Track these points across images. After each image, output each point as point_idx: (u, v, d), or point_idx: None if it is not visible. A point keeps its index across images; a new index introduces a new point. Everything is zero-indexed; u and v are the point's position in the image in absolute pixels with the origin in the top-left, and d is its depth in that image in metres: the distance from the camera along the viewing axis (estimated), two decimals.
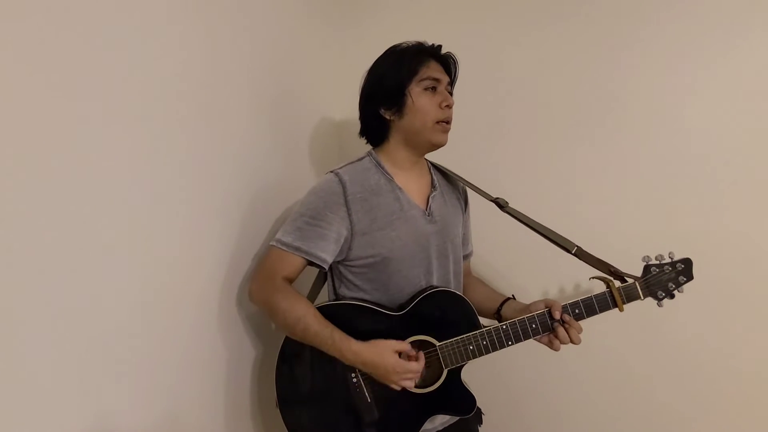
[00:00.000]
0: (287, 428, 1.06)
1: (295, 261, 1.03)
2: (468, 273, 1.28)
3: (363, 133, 1.15)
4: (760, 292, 1.24)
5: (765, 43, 1.21)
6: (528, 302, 1.10)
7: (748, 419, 1.26)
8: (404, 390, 0.98)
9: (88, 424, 0.77)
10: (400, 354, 0.98)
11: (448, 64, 1.11)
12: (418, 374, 0.98)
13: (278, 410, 1.06)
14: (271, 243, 1.05)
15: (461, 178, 1.20)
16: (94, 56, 0.78)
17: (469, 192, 1.23)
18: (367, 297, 1.06)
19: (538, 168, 1.40)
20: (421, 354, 1.00)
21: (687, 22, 1.26)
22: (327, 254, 1.03)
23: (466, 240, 1.24)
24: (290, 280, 1.05)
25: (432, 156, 1.17)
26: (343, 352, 0.97)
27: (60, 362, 0.73)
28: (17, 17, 0.68)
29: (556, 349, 1.03)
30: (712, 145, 1.25)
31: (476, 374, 1.06)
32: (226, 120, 1.09)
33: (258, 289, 1.06)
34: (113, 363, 0.82)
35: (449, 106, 1.07)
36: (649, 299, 1.04)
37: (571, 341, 1.02)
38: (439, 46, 1.09)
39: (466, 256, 1.25)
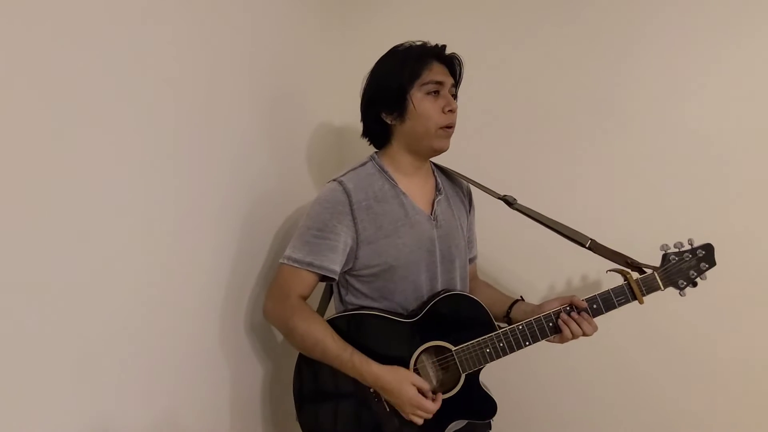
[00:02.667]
0: None
1: (308, 277, 1.02)
2: (474, 276, 1.25)
3: (365, 135, 1.13)
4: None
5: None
6: (538, 301, 1.08)
7: (759, 418, 1.22)
8: None
9: (85, 424, 0.77)
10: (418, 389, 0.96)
11: (452, 65, 1.07)
12: (430, 415, 0.96)
13: (297, 423, 1.06)
14: (281, 261, 1.04)
15: (467, 177, 1.18)
16: (92, 57, 0.77)
17: (476, 191, 1.20)
18: (374, 304, 1.05)
19: (544, 165, 1.37)
20: (439, 396, 0.98)
21: (689, 21, 1.23)
22: (337, 266, 1.02)
23: (470, 243, 1.21)
24: (305, 297, 1.04)
25: (437, 156, 1.14)
26: (363, 374, 0.96)
27: (59, 363, 0.73)
28: (15, 17, 0.67)
29: (564, 342, 1.01)
30: (722, 138, 1.22)
31: (483, 377, 1.04)
32: (224, 124, 1.08)
33: (273, 308, 1.05)
34: (115, 372, 0.82)
35: (452, 111, 1.03)
36: (671, 289, 1.01)
37: (583, 332, 0.99)
38: (443, 47, 1.06)
39: (471, 260, 1.22)
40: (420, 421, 0.96)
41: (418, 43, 1.06)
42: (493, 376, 1.10)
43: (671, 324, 1.26)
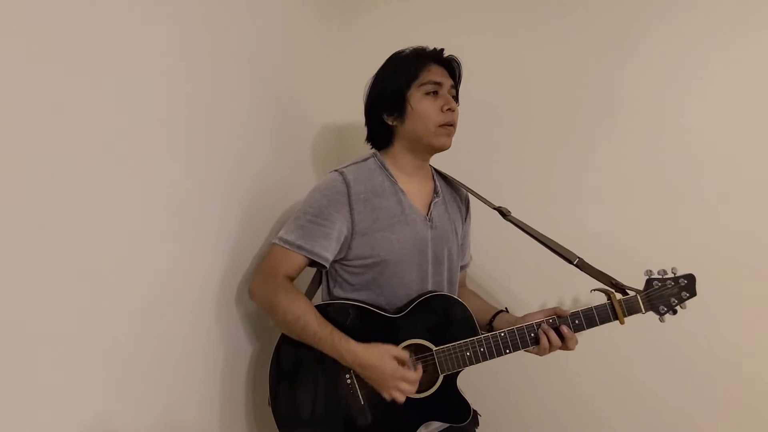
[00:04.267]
0: (277, 426, 1.04)
1: (297, 259, 1.02)
2: (462, 284, 1.26)
3: (369, 139, 1.16)
4: (763, 294, 1.23)
5: (764, 43, 1.22)
6: (525, 313, 1.09)
7: (752, 423, 1.24)
8: None
9: (85, 424, 0.76)
10: (399, 362, 0.96)
11: (451, 67, 1.11)
12: (414, 386, 0.95)
13: (270, 408, 1.05)
14: (273, 241, 1.05)
15: (464, 185, 1.20)
16: (93, 56, 0.77)
17: (472, 200, 1.23)
18: (361, 298, 1.05)
19: (541, 177, 1.40)
20: (419, 366, 0.98)
21: (687, 23, 1.27)
22: (329, 253, 1.02)
23: (463, 250, 1.23)
24: (291, 278, 1.04)
25: (436, 162, 1.17)
26: (341, 352, 0.96)
27: (59, 363, 0.72)
28: (16, 14, 0.66)
29: (543, 354, 1.02)
30: (718, 152, 1.26)
31: (474, 376, 1.04)
32: (226, 121, 1.09)
33: (259, 286, 1.05)
34: (110, 362, 0.81)
35: (451, 110, 1.06)
36: (651, 313, 1.03)
37: (565, 346, 1.01)
38: (441, 50, 1.10)
39: (463, 267, 1.24)
40: (402, 398, 0.94)
41: (416, 48, 1.10)
42: (484, 374, 1.10)
43: (666, 327, 1.25)
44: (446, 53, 1.10)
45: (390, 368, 0.94)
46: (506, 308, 1.15)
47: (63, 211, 0.73)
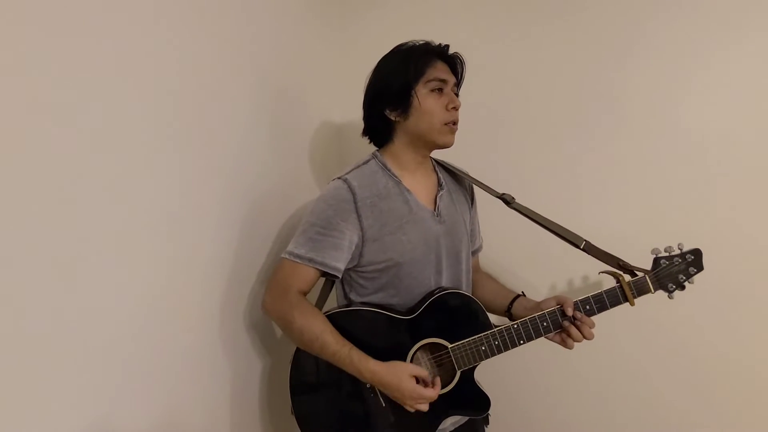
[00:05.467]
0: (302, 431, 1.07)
1: (309, 273, 1.02)
2: (477, 269, 1.27)
3: (366, 133, 1.13)
4: (764, 287, 1.24)
5: (764, 41, 1.20)
6: (536, 299, 1.10)
7: (756, 419, 1.27)
8: None
9: (85, 425, 0.77)
10: (417, 379, 0.97)
11: (454, 64, 1.09)
12: (433, 399, 0.97)
13: (293, 416, 1.07)
14: (282, 255, 1.04)
15: (467, 174, 1.19)
16: (94, 57, 0.77)
17: (475, 187, 1.22)
18: (377, 300, 1.06)
19: (543, 164, 1.39)
20: (438, 380, 0.99)
21: (687, 21, 1.25)
22: (340, 263, 1.02)
23: (473, 235, 1.23)
24: (304, 293, 1.04)
25: (437, 152, 1.15)
26: (361, 371, 0.97)
27: (59, 363, 0.73)
28: (17, 13, 0.66)
29: (570, 347, 1.03)
30: (717, 138, 1.25)
31: (482, 374, 1.06)
32: (225, 122, 1.07)
33: (272, 302, 1.05)
34: (115, 369, 0.82)
35: (456, 108, 1.05)
36: (660, 292, 1.04)
37: (584, 338, 1.02)
38: (446, 46, 1.07)
39: (475, 251, 1.25)
40: (425, 408, 0.97)
41: (422, 42, 1.07)
42: (492, 370, 1.12)
43: (670, 322, 1.30)
44: (450, 50, 1.07)
45: (408, 389, 0.95)
46: (523, 292, 1.16)
47: (63, 212, 0.73)
